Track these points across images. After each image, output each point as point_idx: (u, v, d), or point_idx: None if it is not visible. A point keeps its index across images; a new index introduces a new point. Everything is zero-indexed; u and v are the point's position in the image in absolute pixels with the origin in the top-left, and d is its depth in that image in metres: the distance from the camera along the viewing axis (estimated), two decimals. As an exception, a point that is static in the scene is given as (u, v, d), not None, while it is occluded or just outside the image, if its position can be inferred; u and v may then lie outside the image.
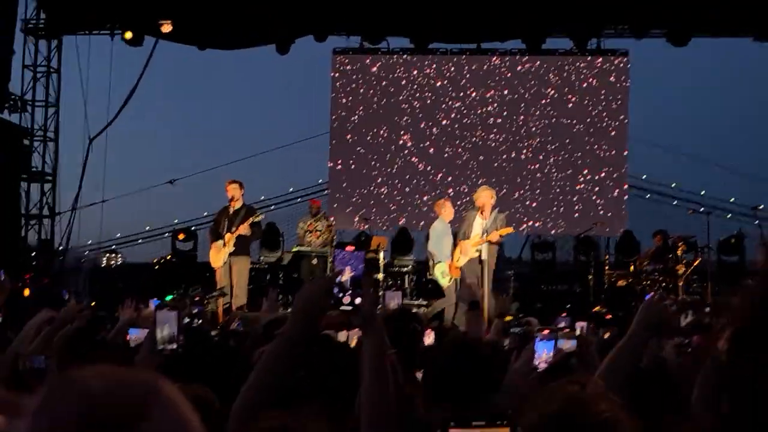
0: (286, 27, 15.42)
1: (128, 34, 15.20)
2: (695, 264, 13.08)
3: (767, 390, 0.77)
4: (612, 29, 16.09)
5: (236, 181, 11.62)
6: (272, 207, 20.85)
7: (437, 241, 11.42)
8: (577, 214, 16.26)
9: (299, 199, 22.03)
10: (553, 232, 16.51)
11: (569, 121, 16.34)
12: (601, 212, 16.09)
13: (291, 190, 21.78)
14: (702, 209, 16.30)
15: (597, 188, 16.25)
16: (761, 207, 16.07)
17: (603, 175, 16.24)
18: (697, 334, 3.30)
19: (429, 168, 16.57)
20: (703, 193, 20.34)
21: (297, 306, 2.34)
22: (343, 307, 2.34)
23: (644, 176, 20.18)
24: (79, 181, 16.54)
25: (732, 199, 19.41)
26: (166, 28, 14.74)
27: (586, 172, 16.27)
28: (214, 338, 4.64)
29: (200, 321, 5.25)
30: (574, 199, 16.29)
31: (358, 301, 2.33)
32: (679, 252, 13.21)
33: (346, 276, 2.36)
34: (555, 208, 16.34)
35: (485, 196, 10.67)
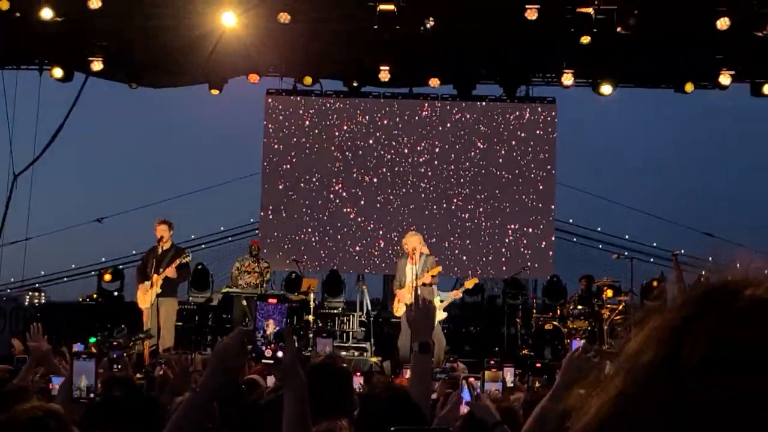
0: (219, 66, 15.42)
1: (57, 72, 15.00)
2: (620, 308, 13.36)
3: None
4: (540, 77, 16.49)
5: (166, 221, 11.54)
6: (202, 246, 20.65)
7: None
8: (505, 258, 16.49)
9: (230, 239, 21.89)
10: (482, 271, 16.70)
11: (498, 168, 16.62)
12: (529, 256, 16.34)
13: (222, 229, 21.64)
14: (626, 253, 16.68)
15: (525, 233, 16.52)
16: (681, 252, 16.49)
17: (531, 220, 16.52)
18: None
19: (360, 218, 16.63)
20: (627, 237, 20.85)
21: (213, 359, 2.35)
22: (265, 360, 2.36)
23: (570, 220, 20.59)
24: (2, 218, 16.16)
25: (654, 244, 19.92)
26: (97, 66, 14.61)
27: (514, 218, 16.53)
28: (134, 385, 4.59)
29: (119, 367, 5.18)
30: (503, 244, 16.52)
31: (280, 354, 2.35)
32: (604, 296, 13.50)
33: (270, 329, 2.39)
34: (484, 254, 16.54)
35: (413, 241, 10.82)
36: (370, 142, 16.73)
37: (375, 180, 16.67)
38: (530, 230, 16.50)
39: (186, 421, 2.22)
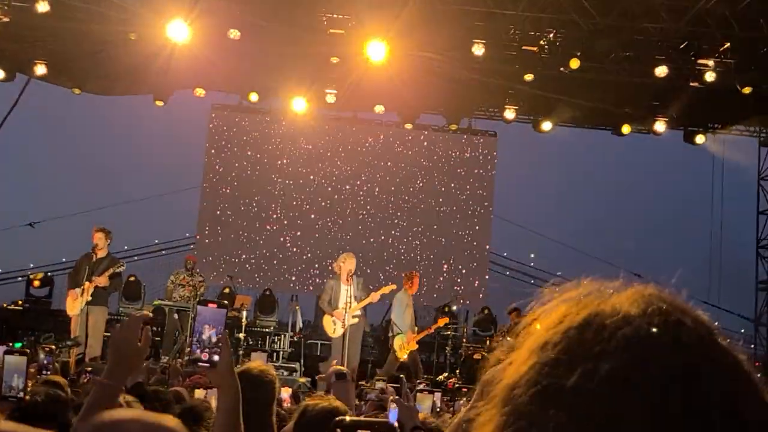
0: (165, 77, 15.36)
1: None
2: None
3: None
4: (483, 111, 16.78)
5: (104, 229, 11.40)
6: (135, 258, 20.42)
7: (400, 313, 11.62)
8: (439, 286, 16.67)
9: (164, 252, 21.68)
10: (418, 296, 16.85)
11: (437, 199, 16.84)
12: (463, 288, 16.55)
13: (156, 241, 21.44)
14: (557, 289, 16.95)
15: (460, 262, 16.73)
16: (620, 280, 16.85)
17: (466, 250, 16.75)
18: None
19: (297, 240, 16.65)
20: (559, 273, 21.20)
21: (112, 352, 2.38)
22: (201, 364, 2.43)
23: (505, 254, 20.90)
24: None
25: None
26: (40, 69, 14.45)
27: (450, 249, 16.75)
28: (65, 389, 4.58)
29: (48, 372, 5.16)
30: (439, 274, 16.71)
31: (216, 358, 2.42)
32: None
33: (206, 333, 2.46)
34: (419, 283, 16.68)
35: (350, 263, 10.90)
36: (309, 162, 16.80)
37: (314, 204, 16.73)
38: (466, 260, 16.72)
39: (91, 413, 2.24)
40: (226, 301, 12.84)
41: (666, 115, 15.27)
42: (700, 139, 16.02)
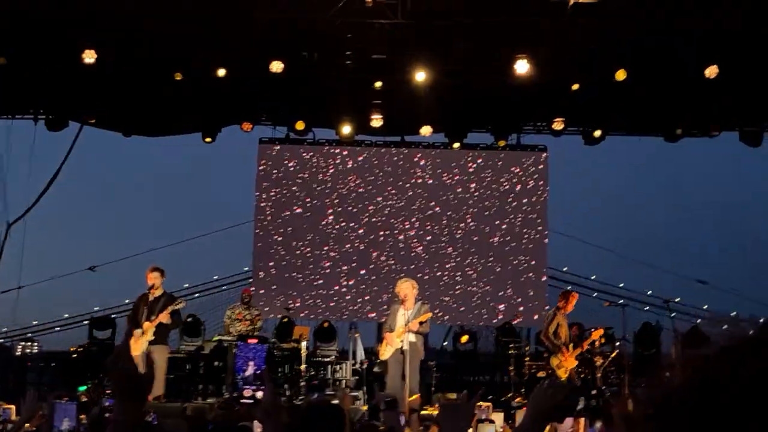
0: (212, 115, 15.54)
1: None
2: (613, 355, 13.31)
3: None
4: (531, 126, 16.61)
5: (158, 268, 11.50)
6: (196, 295, 20.62)
7: (552, 332, 11.90)
8: (498, 307, 16.47)
9: (224, 287, 21.84)
10: (474, 318, 16.68)
11: (490, 216, 16.67)
12: (522, 304, 16.32)
13: (215, 278, 21.61)
14: (620, 301, 16.66)
15: (518, 280, 16.52)
16: (677, 300, 16.53)
17: (523, 268, 16.54)
18: (597, 419, 3.42)
19: (353, 265, 16.63)
20: (621, 285, 20.84)
21: (115, 388, 2.32)
22: (244, 400, 2.36)
23: (564, 268, 20.61)
24: (-6, 267, 16.11)
25: (649, 292, 19.92)
26: (90, 117, 14.72)
27: (507, 266, 16.55)
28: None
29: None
30: (495, 290, 16.52)
31: (259, 394, 2.35)
32: (596, 344, 13.45)
33: (249, 371, 2.39)
34: (477, 302, 16.53)
35: (406, 287, 10.80)
36: (362, 191, 16.79)
37: (367, 228, 16.70)
38: (523, 274, 16.51)
39: None
40: (265, 336, 12.90)
41: (720, 116, 14.92)
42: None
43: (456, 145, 16.42)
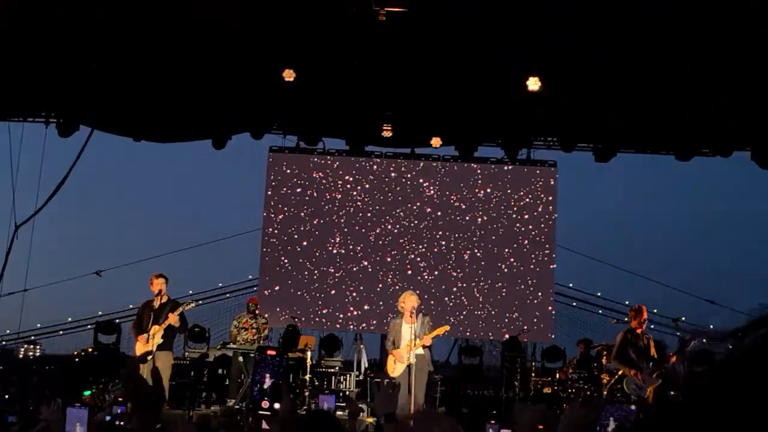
0: (222, 123, 15.53)
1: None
2: (619, 373, 13.21)
3: None
4: (541, 141, 16.57)
5: (163, 275, 11.45)
6: (200, 302, 20.55)
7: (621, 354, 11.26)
8: (503, 321, 16.40)
9: (228, 295, 21.79)
10: (480, 332, 16.58)
11: (498, 231, 16.62)
12: (528, 320, 16.25)
13: (220, 285, 21.56)
14: (626, 319, 16.56)
15: (524, 295, 16.45)
16: (683, 319, 16.43)
17: (530, 283, 16.47)
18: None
19: (360, 278, 16.58)
20: (627, 302, 20.72)
21: (132, 401, 2.27)
22: (261, 412, 2.33)
23: (570, 284, 20.53)
24: (1, 269, 16.09)
25: (655, 310, 19.81)
26: (100, 121, 14.72)
27: (513, 279, 16.49)
28: None
29: (122, 423, 5.11)
30: (501, 304, 16.45)
31: (277, 406, 2.32)
32: (603, 360, 13.36)
33: (267, 383, 2.35)
34: (483, 316, 16.45)
35: (411, 301, 10.70)
36: (371, 202, 16.77)
37: (374, 240, 16.66)
38: (530, 289, 16.44)
39: None
40: (282, 348, 12.86)
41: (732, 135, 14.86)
42: None
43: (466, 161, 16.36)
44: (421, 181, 16.80)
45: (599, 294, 21.25)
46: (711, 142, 15.43)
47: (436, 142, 15.63)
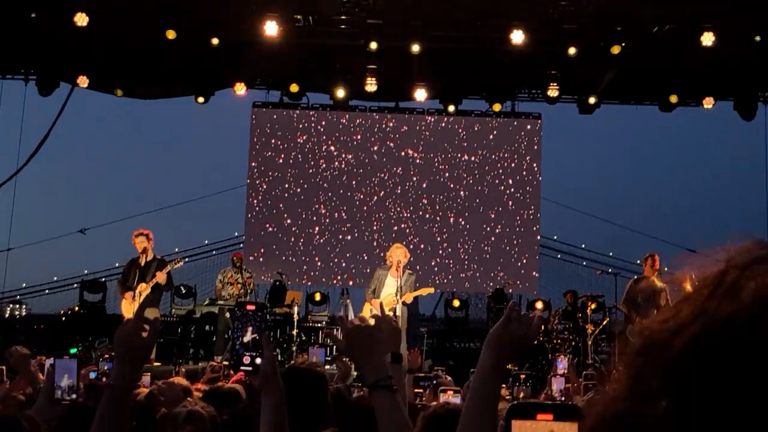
0: (205, 77, 15.38)
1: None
2: (604, 323, 13.35)
3: None
4: (526, 93, 16.51)
5: (143, 232, 11.26)
6: (186, 259, 20.55)
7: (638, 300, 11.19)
8: (490, 273, 16.46)
9: (214, 252, 21.83)
10: (466, 286, 16.64)
11: (483, 184, 16.61)
12: (514, 272, 16.32)
13: (206, 242, 21.58)
14: (610, 270, 16.70)
15: (509, 248, 16.50)
16: (665, 269, 16.54)
17: (515, 235, 16.51)
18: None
19: (345, 231, 16.57)
20: (611, 254, 20.90)
21: (117, 351, 2.25)
22: (243, 368, 2.33)
23: (555, 237, 20.65)
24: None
25: (638, 261, 19.96)
26: (83, 81, 14.53)
27: (498, 232, 16.52)
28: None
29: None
30: (487, 258, 16.50)
31: (258, 361, 2.32)
32: (588, 311, 13.49)
33: (248, 337, 2.35)
34: (468, 269, 16.50)
35: (399, 254, 10.63)
36: (355, 156, 16.69)
37: (359, 194, 16.62)
38: (515, 241, 16.49)
39: (108, 421, 2.14)
40: (262, 302, 12.90)
41: (715, 86, 14.86)
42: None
43: (451, 108, 16.26)
44: (405, 136, 16.71)
45: (583, 246, 21.42)
46: (693, 93, 15.43)
47: (420, 94, 15.49)
